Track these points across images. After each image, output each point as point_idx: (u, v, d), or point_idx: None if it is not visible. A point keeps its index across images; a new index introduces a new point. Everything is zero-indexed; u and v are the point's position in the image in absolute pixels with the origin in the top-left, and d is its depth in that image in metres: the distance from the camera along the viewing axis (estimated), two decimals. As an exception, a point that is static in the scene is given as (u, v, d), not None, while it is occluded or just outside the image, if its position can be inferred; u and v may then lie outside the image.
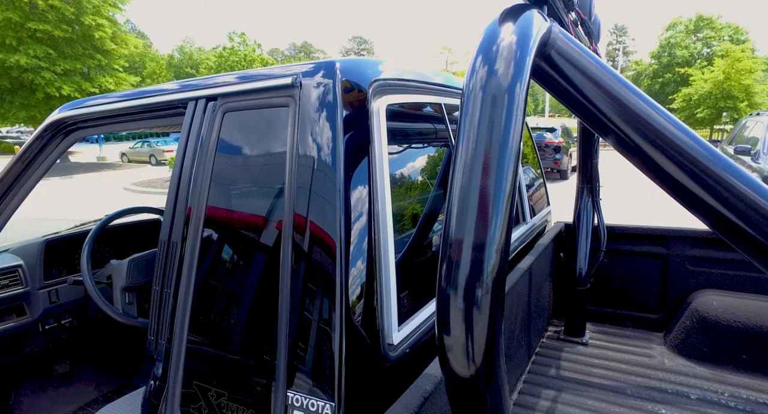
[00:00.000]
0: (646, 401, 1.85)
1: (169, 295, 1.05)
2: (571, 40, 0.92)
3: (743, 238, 0.78)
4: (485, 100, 0.75)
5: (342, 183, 0.91)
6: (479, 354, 0.73)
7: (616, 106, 0.85)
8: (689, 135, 0.81)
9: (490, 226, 0.72)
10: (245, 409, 0.91)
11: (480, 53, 0.79)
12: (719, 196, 0.80)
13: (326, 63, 1.01)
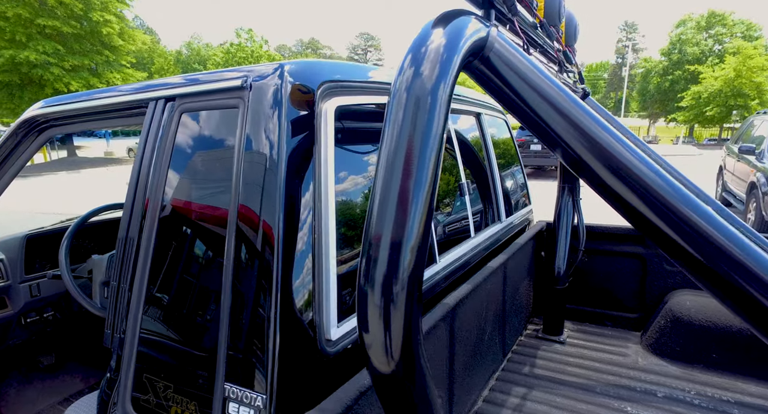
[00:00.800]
0: (613, 399, 1.86)
1: (125, 289, 1.09)
2: (510, 44, 0.94)
3: (660, 237, 0.80)
4: (409, 101, 0.77)
5: (283, 182, 0.94)
6: (397, 350, 0.76)
7: (548, 108, 0.88)
8: (616, 138, 0.83)
9: (408, 224, 0.74)
10: (189, 400, 0.94)
11: (409, 54, 0.81)
12: (644, 197, 0.82)
13: (275, 65, 1.04)
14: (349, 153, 1.14)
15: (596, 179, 0.83)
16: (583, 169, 0.84)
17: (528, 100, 0.89)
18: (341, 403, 0.91)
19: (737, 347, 2.01)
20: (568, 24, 1.94)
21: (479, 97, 2.26)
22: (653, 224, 0.78)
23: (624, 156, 0.82)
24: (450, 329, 1.53)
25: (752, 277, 0.75)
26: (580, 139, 0.85)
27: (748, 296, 0.76)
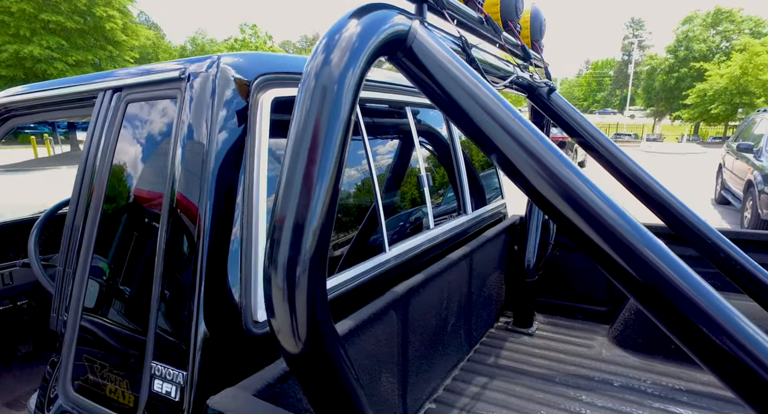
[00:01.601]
0: (570, 388, 1.90)
1: (69, 274, 1.14)
2: (433, 37, 0.97)
3: (569, 227, 0.83)
4: (316, 87, 0.80)
5: (212, 170, 0.98)
6: (303, 331, 0.79)
7: (470, 103, 0.91)
8: (531, 130, 0.87)
9: (311, 208, 0.78)
10: (122, 379, 0.99)
11: (323, 40, 0.84)
12: (547, 183, 0.85)
13: (212, 57, 1.07)
14: (285, 143, 1.18)
15: (515, 173, 0.86)
16: (503, 162, 0.87)
17: (450, 94, 0.92)
18: (263, 381, 0.96)
19: None
20: (533, 20, 1.96)
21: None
22: (569, 220, 0.82)
23: (540, 150, 0.86)
24: (403, 317, 1.57)
25: (646, 265, 0.78)
26: (500, 135, 0.88)
27: (647, 286, 0.79)
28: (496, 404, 1.80)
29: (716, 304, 0.75)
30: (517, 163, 0.86)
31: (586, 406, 1.78)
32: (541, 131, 2.45)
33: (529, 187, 0.84)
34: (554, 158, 0.84)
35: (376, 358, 1.40)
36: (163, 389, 0.91)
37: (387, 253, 1.50)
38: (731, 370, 0.70)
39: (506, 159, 0.87)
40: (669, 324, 0.74)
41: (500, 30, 1.45)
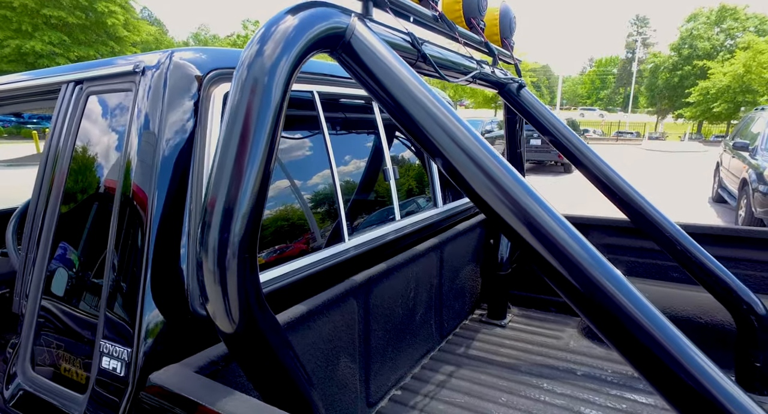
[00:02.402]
0: (534, 376, 1.95)
1: (31, 260, 1.19)
2: (373, 34, 1.02)
3: (484, 208, 0.88)
4: (248, 78, 0.85)
5: (160, 160, 1.03)
6: (236, 312, 0.84)
7: (402, 96, 0.95)
8: (470, 132, 0.91)
9: (240, 194, 0.83)
10: (76, 358, 1.05)
11: (259, 32, 0.88)
12: (475, 177, 0.90)
13: (167, 52, 1.12)
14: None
15: (447, 166, 0.91)
16: (436, 156, 0.92)
17: (387, 90, 0.96)
18: (207, 359, 1.01)
19: None
20: (503, 18, 2.00)
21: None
22: (499, 216, 0.86)
23: (470, 144, 0.90)
24: (365, 305, 1.62)
25: (564, 253, 0.83)
26: (435, 132, 0.92)
27: (564, 277, 0.84)
28: (460, 391, 1.86)
29: (632, 298, 0.79)
30: (449, 157, 0.91)
31: (545, 393, 1.83)
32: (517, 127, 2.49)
33: (460, 180, 0.89)
34: (488, 157, 0.88)
35: (334, 343, 1.46)
36: (111, 366, 0.97)
37: (346, 242, 1.55)
38: (645, 360, 0.76)
39: (440, 154, 0.91)
40: (593, 319, 0.79)
41: (455, 27, 1.49)
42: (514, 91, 2.03)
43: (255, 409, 0.78)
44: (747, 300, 1.69)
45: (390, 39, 1.20)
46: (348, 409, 1.55)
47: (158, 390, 0.90)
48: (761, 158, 7.12)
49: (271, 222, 1.30)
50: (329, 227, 1.51)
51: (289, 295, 1.31)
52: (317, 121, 1.53)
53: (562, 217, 0.84)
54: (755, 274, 2.04)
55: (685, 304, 2.04)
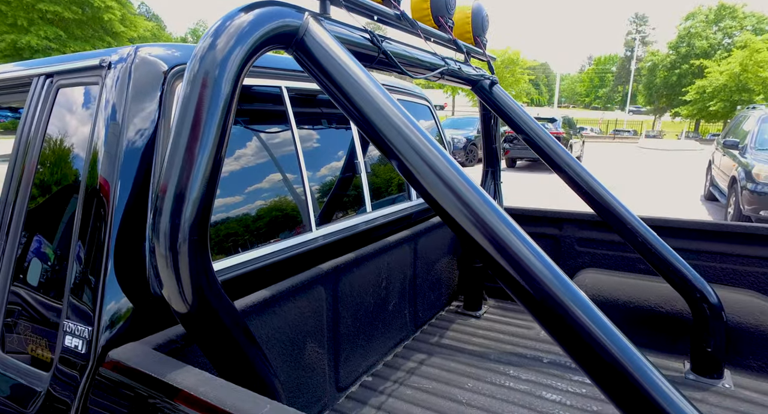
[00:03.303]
0: (501, 364, 2.02)
1: (1, 247, 1.25)
2: (327, 31, 1.07)
3: (434, 205, 0.94)
4: (200, 69, 0.90)
5: (125, 150, 1.09)
6: (190, 295, 0.90)
7: (353, 92, 1.01)
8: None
9: (191, 180, 0.88)
10: (41, 339, 1.11)
11: (213, 26, 0.93)
12: (417, 168, 0.96)
13: (132, 48, 1.18)
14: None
15: (399, 163, 0.97)
16: (386, 152, 0.97)
17: (340, 87, 1.01)
18: (167, 337, 1.07)
19: (622, 319, 2.15)
20: (475, 16, 2.05)
21: (395, 83, 2.38)
22: (443, 210, 0.92)
23: (419, 143, 0.96)
24: (333, 293, 1.68)
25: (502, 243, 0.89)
26: (384, 129, 0.98)
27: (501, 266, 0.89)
28: (429, 378, 1.92)
29: (555, 279, 0.85)
30: (397, 153, 0.96)
31: (510, 379, 1.90)
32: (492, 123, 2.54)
33: (410, 176, 0.94)
34: (436, 155, 0.94)
35: (301, 328, 1.52)
36: (73, 344, 1.03)
37: (313, 232, 1.61)
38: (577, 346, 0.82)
39: (389, 151, 0.97)
40: (528, 306, 0.85)
41: (417, 24, 1.54)
42: (486, 88, 2.08)
43: (202, 380, 0.84)
44: (701, 289, 1.76)
45: (349, 37, 1.26)
46: (317, 392, 1.61)
47: (116, 365, 0.96)
48: (750, 156, 7.19)
49: (236, 210, 1.36)
50: (296, 217, 1.56)
51: (254, 282, 1.37)
52: (285, 116, 1.58)
53: (499, 208, 0.90)
54: (712, 264, 2.11)
55: (649, 294, 2.11)
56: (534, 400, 1.75)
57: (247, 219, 1.38)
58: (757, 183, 6.50)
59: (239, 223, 1.36)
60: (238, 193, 1.38)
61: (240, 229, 1.36)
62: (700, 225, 2.11)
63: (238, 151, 1.43)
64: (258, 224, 1.42)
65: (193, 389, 0.81)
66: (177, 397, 0.83)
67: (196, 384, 0.83)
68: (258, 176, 1.46)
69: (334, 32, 1.17)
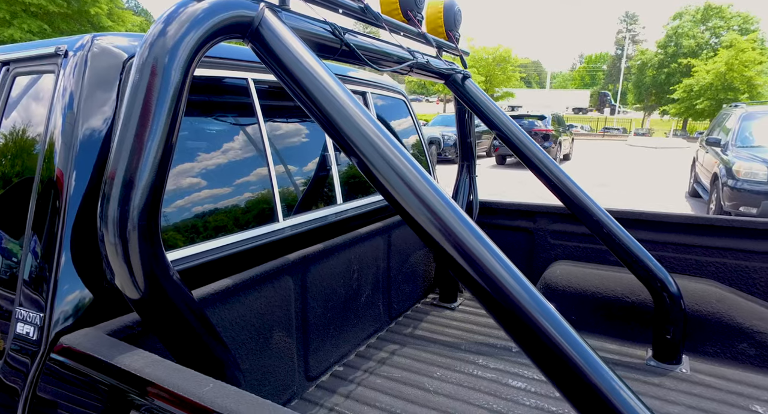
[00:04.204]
0: (471, 354, 2.06)
1: None
2: (283, 23, 1.08)
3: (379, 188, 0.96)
4: (149, 55, 0.90)
5: (81, 138, 1.09)
6: (141, 282, 0.91)
7: (308, 84, 1.02)
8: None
9: (141, 167, 0.89)
10: None
11: (165, 13, 0.94)
12: (361, 155, 0.97)
13: (89, 36, 1.18)
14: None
15: (352, 156, 0.98)
16: (339, 143, 0.99)
17: (295, 78, 1.03)
18: (122, 323, 1.08)
19: (591, 309, 2.20)
20: (447, 11, 2.07)
21: (370, 78, 2.39)
22: (396, 202, 0.94)
23: (367, 132, 0.97)
24: (302, 283, 1.70)
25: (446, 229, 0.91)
26: (340, 122, 0.99)
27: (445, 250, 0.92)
28: (400, 367, 1.95)
29: (504, 272, 0.88)
30: (352, 146, 0.98)
31: (479, 368, 1.93)
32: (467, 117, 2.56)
33: (365, 170, 0.96)
34: (390, 148, 0.95)
35: (267, 317, 1.54)
36: (24, 330, 1.04)
37: (280, 222, 1.63)
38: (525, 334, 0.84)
39: (344, 143, 0.98)
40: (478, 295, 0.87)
41: (382, 17, 1.56)
42: (459, 82, 2.11)
43: (149, 363, 0.86)
44: (661, 278, 1.81)
45: (310, 29, 1.27)
46: (285, 380, 1.64)
47: (66, 350, 0.97)
48: (731, 154, 7.33)
49: (200, 200, 1.37)
50: (263, 208, 1.58)
51: (218, 270, 1.38)
52: (252, 107, 1.59)
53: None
54: (676, 255, 2.17)
55: (616, 285, 2.16)
56: (500, 388, 1.79)
57: (212, 208, 1.40)
58: (737, 179, 6.64)
59: (203, 213, 1.37)
60: (202, 183, 1.39)
61: (204, 219, 1.37)
62: (664, 217, 2.17)
63: (204, 143, 1.44)
64: (222, 214, 1.43)
65: (140, 371, 0.83)
66: (123, 379, 0.85)
67: (142, 366, 0.84)
68: (224, 167, 1.47)
69: (293, 24, 1.19)
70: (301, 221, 1.73)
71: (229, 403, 0.72)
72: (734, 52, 24.38)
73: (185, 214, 1.33)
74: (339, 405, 1.67)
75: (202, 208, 1.37)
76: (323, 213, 1.87)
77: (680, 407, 1.64)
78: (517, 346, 0.87)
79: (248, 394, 0.75)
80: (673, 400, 1.68)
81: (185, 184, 1.34)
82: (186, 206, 1.33)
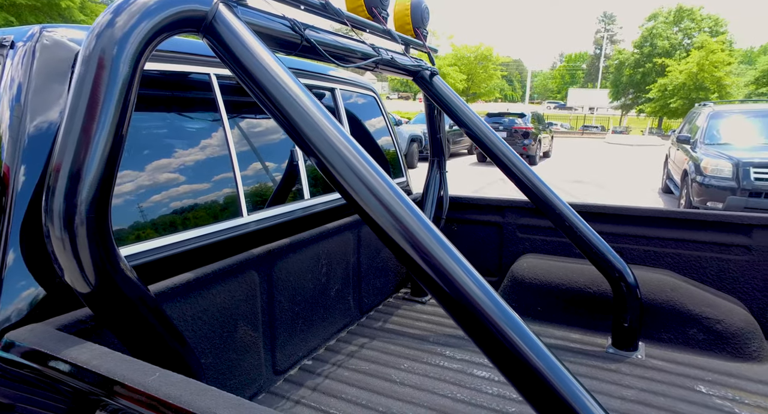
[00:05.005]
0: (438, 345, 2.10)
1: None
2: (238, 18, 1.08)
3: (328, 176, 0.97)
4: (97, 45, 0.89)
5: (27, 134, 1.08)
6: (92, 277, 0.90)
7: (261, 77, 1.03)
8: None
9: (88, 160, 0.89)
10: None
11: (114, 3, 0.93)
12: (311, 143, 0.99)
13: (37, 27, 1.16)
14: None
15: (305, 148, 0.99)
16: (298, 142, 1.00)
17: (250, 73, 1.03)
18: (73, 318, 1.08)
19: (556, 300, 2.27)
20: (414, 9, 2.10)
21: (341, 75, 2.41)
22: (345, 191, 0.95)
23: (323, 129, 0.99)
24: (268, 278, 1.71)
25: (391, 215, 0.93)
26: (295, 118, 1.00)
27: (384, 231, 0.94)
28: (368, 360, 1.98)
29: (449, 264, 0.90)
30: (308, 141, 0.99)
31: (445, 359, 1.98)
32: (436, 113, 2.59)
33: (320, 165, 0.97)
34: (344, 143, 0.96)
35: (231, 311, 1.54)
36: None
37: (244, 217, 1.63)
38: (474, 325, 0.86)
39: (301, 140, 0.99)
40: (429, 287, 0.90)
41: (342, 14, 1.58)
42: (427, 79, 2.14)
43: (96, 355, 0.86)
44: (619, 269, 1.89)
45: (268, 24, 1.28)
46: (251, 374, 1.64)
47: (10, 345, 0.96)
48: (700, 151, 7.59)
49: (161, 195, 1.37)
50: (226, 203, 1.58)
51: (180, 265, 1.38)
52: (215, 103, 1.59)
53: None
54: (635, 247, 2.26)
55: (579, 276, 2.23)
56: (464, 378, 1.83)
57: (173, 204, 1.39)
58: (705, 176, 6.88)
59: (164, 207, 1.37)
60: (163, 178, 1.39)
61: (165, 214, 1.37)
62: (624, 210, 2.25)
63: (166, 138, 1.43)
64: (184, 209, 1.43)
65: (86, 363, 0.83)
66: (69, 372, 0.84)
67: (89, 358, 0.84)
68: (185, 163, 1.46)
69: (250, 19, 1.19)
70: (266, 216, 1.74)
71: (173, 391, 0.73)
72: (705, 53, 25.22)
73: (145, 209, 1.32)
74: (305, 398, 1.69)
75: (163, 203, 1.37)
76: (290, 208, 1.88)
77: (633, 390, 1.71)
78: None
79: (194, 382, 0.76)
80: (627, 384, 1.75)
81: (146, 179, 1.33)
82: (146, 201, 1.32)
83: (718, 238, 2.10)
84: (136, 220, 1.30)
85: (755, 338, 1.90)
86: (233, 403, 0.70)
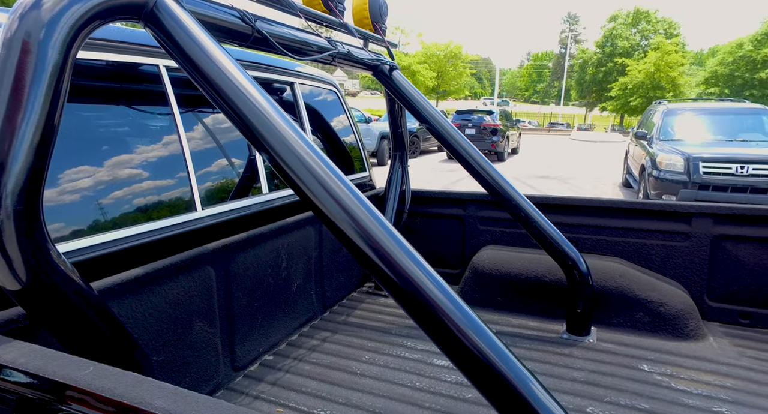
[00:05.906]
0: (400, 337, 2.13)
1: None
2: (182, 7, 1.06)
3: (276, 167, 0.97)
4: (19, 29, 0.84)
5: None
6: (23, 273, 0.86)
7: (204, 67, 1.01)
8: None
9: (13, 153, 0.85)
10: None
11: None
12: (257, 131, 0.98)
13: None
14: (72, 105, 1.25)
15: (254, 142, 0.98)
16: (246, 135, 0.98)
17: (195, 64, 1.01)
18: (4, 317, 1.03)
19: (515, 290, 2.35)
20: (373, 3, 2.11)
21: (301, 69, 2.39)
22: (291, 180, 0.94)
23: (272, 121, 0.98)
24: (225, 273, 1.68)
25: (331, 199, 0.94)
26: (241, 108, 0.98)
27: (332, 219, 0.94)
28: (330, 353, 1.99)
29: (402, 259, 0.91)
30: (257, 134, 0.98)
31: (406, 350, 2.01)
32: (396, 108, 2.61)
33: (269, 157, 0.97)
34: (290, 134, 0.96)
35: (185, 307, 1.51)
36: None
37: (198, 212, 1.60)
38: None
39: (249, 133, 0.98)
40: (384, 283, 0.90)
41: (296, 6, 1.57)
42: (386, 73, 2.15)
43: (25, 353, 0.82)
44: (573, 257, 1.97)
45: (216, 15, 1.26)
46: (208, 371, 1.62)
47: None
48: (656, 146, 7.97)
49: (107, 189, 1.32)
50: (178, 197, 1.54)
51: (130, 260, 1.34)
52: (164, 95, 1.55)
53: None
54: (589, 237, 2.36)
55: (536, 266, 2.31)
56: (424, 367, 1.87)
57: (122, 198, 1.35)
58: (660, 170, 7.22)
59: (110, 202, 1.32)
60: (111, 172, 1.34)
61: (112, 208, 1.33)
62: (577, 201, 2.35)
63: (115, 131, 1.39)
64: (134, 204, 1.39)
65: (12, 362, 0.80)
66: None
67: (16, 357, 0.81)
68: (136, 157, 1.42)
69: (195, 8, 1.17)
70: (222, 211, 1.71)
71: (106, 384, 0.72)
72: (661, 54, 26.53)
73: (91, 203, 1.28)
74: (265, 393, 1.68)
75: (111, 199, 1.32)
76: (247, 202, 1.85)
77: (584, 372, 1.80)
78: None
79: (130, 374, 0.75)
80: (578, 367, 1.84)
81: (94, 174, 1.29)
82: (92, 195, 1.28)
83: (662, 227, 2.23)
84: (82, 215, 1.25)
85: (693, 318, 2.04)
86: (169, 392, 0.69)
